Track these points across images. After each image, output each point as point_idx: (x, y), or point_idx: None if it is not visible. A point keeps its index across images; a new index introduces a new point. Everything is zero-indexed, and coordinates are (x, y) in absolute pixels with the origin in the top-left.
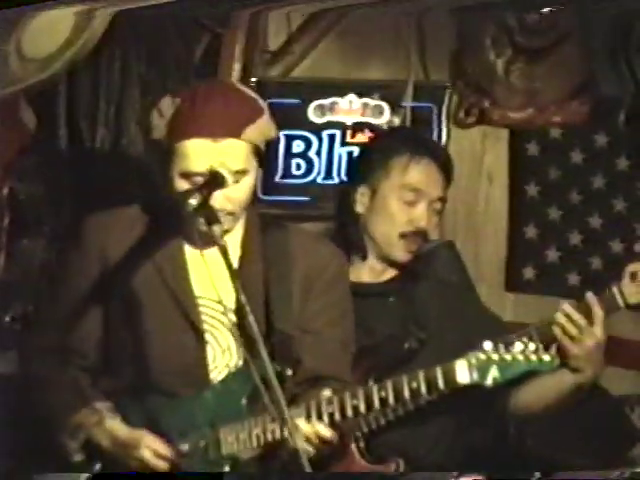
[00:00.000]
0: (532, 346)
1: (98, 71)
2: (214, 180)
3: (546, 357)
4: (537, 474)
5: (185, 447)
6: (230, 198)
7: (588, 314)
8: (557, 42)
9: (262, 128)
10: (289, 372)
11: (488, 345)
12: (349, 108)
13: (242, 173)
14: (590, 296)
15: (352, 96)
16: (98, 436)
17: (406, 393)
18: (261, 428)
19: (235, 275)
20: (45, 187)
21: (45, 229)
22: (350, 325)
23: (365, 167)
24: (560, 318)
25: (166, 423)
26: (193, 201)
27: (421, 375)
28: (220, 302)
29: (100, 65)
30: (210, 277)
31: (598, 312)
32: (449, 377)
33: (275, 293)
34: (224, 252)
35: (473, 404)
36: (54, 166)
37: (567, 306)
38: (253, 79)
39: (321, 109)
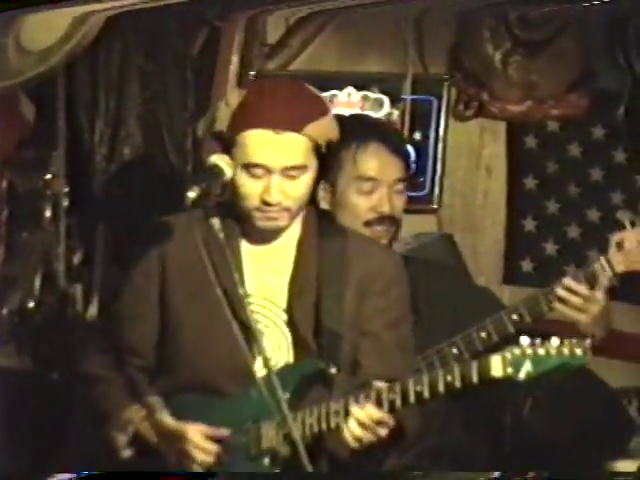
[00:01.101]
0: (567, 342)
1: (97, 64)
2: (212, 173)
3: (579, 351)
4: (532, 473)
5: (228, 441)
6: (286, 194)
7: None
8: (555, 35)
9: (324, 127)
10: (333, 370)
11: (525, 340)
12: (348, 101)
13: (300, 169)
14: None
15: (351, 89)
16: (146, 430)
17: (441, 387)
18: (300, 423)
19: (240, 269)
20: None
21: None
22: (408, 328)
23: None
24: (561, 292)
25: (213, 420)
26: (191, 194)
27: (456, 369)
28: (270, 300)
29: (99, 58)
30: (262, 275)
31: (599, 277)
32: (483, 371)
33: (327, 293)
34: (223, 247)
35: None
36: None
37: (567, 279)
38: (251, 72)
39: None
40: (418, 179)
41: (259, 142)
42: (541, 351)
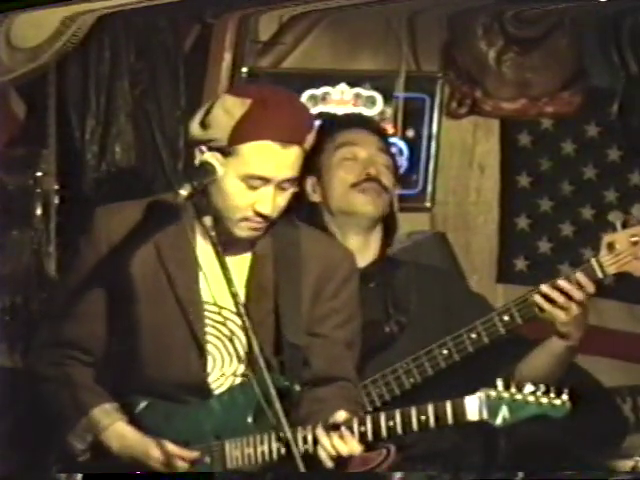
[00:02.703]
0: (542, 388)
1: (88, 62)
2: (204, 170)
3: (557, 402)
4: (520, 474)
5: (193, 455)
6: (277, 206)
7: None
8: (549, 32)
9: (314, 137)
10: (297, 388)
11: (499, 383)
12: (341, 98)
13: (294, 181)
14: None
15: (343, 86)
16: (107, 440)
17: (414, 425)
18: (267, 446)
19: (227, 269)
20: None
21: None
22: (357, 325)
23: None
24: (545, 289)
25: (172, 428)
26: (183, 192)
27: (430, 408)
28: (228, 309)
29: (90, 56)
30: (220, 282)
31: (581, 279)
32: (459, 413)
33: (286, 302)
34: (215, 245)
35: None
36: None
37: (559, 280)
38: (244, 69)
39: (313, 99)
40: (411, 177)
41: (263, 154)
42: (518, 397)
